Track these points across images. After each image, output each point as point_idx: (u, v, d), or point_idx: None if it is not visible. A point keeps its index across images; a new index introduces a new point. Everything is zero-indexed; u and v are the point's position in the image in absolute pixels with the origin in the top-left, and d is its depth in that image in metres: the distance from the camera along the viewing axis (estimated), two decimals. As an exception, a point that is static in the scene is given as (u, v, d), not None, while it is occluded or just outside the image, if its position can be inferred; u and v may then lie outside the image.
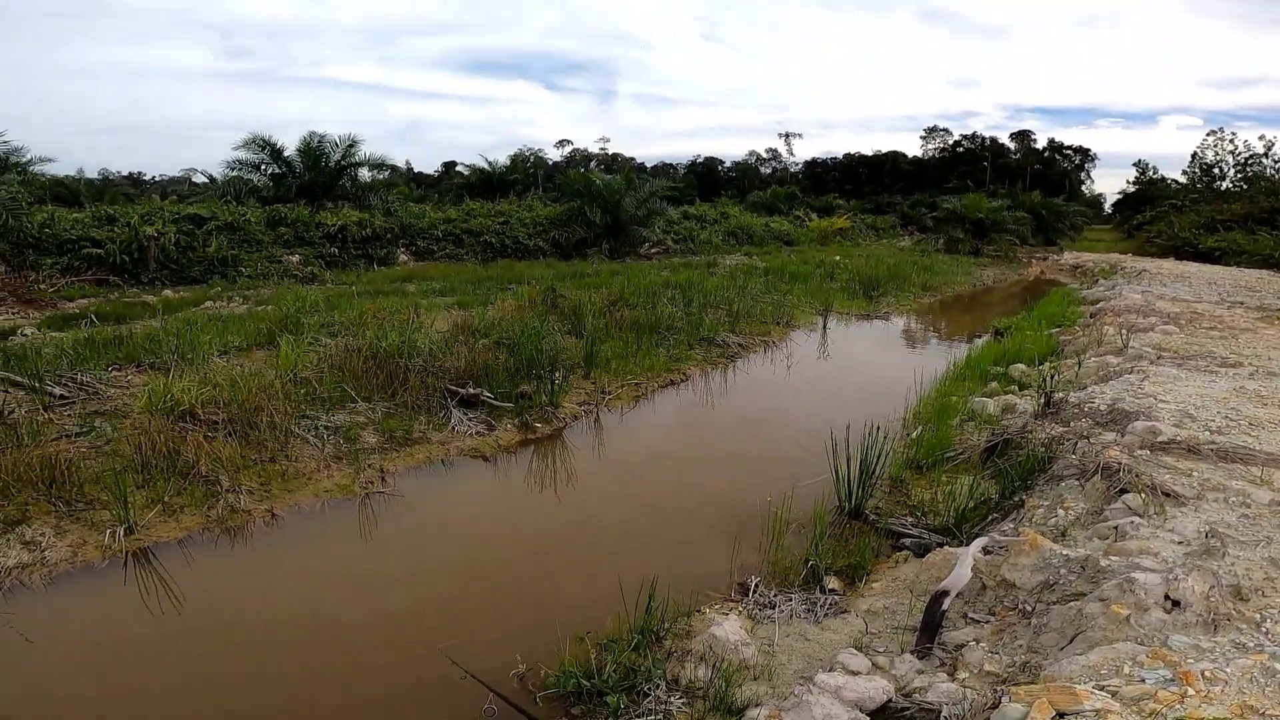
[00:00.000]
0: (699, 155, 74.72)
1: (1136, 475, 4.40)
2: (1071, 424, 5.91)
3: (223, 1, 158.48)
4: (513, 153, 33.34)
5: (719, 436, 6.91)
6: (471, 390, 6.42)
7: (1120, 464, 4.63)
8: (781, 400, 8.29)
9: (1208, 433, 5.11)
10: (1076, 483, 4.91)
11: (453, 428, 6.07)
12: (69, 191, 29.27)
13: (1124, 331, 9.41)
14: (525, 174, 33.49)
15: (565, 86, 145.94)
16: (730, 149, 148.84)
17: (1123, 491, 4.36)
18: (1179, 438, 5.00)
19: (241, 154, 20.35)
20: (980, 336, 12.26)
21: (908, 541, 4.67)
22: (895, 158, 73.76)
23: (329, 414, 5.93)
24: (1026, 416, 6.37)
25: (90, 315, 9.68)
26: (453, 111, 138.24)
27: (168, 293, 12.49)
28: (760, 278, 16.01)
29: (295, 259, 15.03)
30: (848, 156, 76.06)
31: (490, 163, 30.91)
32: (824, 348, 11.49)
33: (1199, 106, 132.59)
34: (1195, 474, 4.41)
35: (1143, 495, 4.18)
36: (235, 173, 20.66)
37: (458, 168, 47.84)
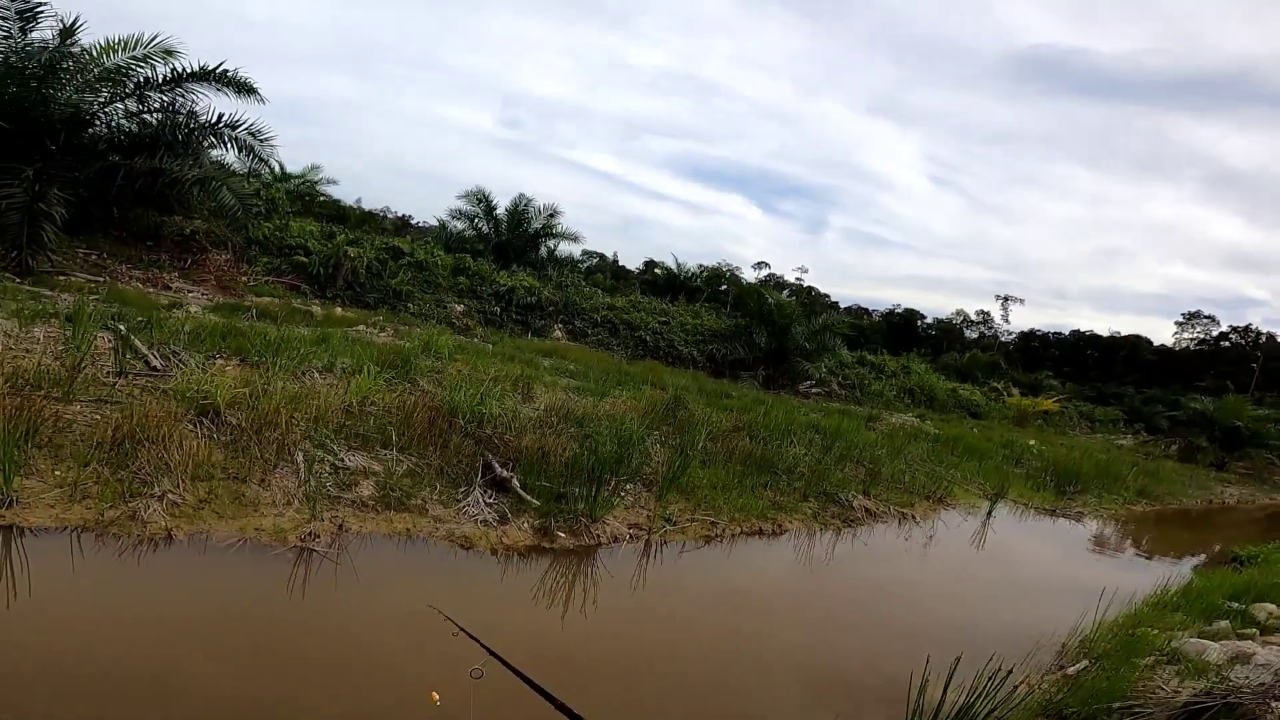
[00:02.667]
0: (899, 305, 71.29)
1: None
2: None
3: (516, 74, 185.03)
4: (710, 263, 34.04)
5: (782, 623, 5.27)
6: (504, 473, 5.54)
7: None
8: (893, 593, 6.42)
9: None
10: None
11: (463, 507, 5.19)
12: (341, 214, 34.13)
13: None
14: (714, 287, 33.81)
15: (778, 209, 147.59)
16: (937, 304, 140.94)
17: None
18: None
19: (462, 204, 22.64)
20: (1203, 561, 9.46)
21: None
22: (1135, 343, 64.05)
23: (352, 452, 5.37)
24: (1272, 674, 4.21)
25: (253, 311, 10.45)
26: (668, 214, 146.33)
27: (339, 309, 13.45)
28: (926, 443, 13.87)
29: (460, 308, 15.72)
30: (1075, 334, 67.79)
31: (679, 265, 31.58)
32: (980, 538, 9.22)
33: None
34: None
35: None
36: (454, 221, 22.98)
37: (657, 269, 50.09)
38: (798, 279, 76.64)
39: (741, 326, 19.97)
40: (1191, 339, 66.55)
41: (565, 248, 23.42)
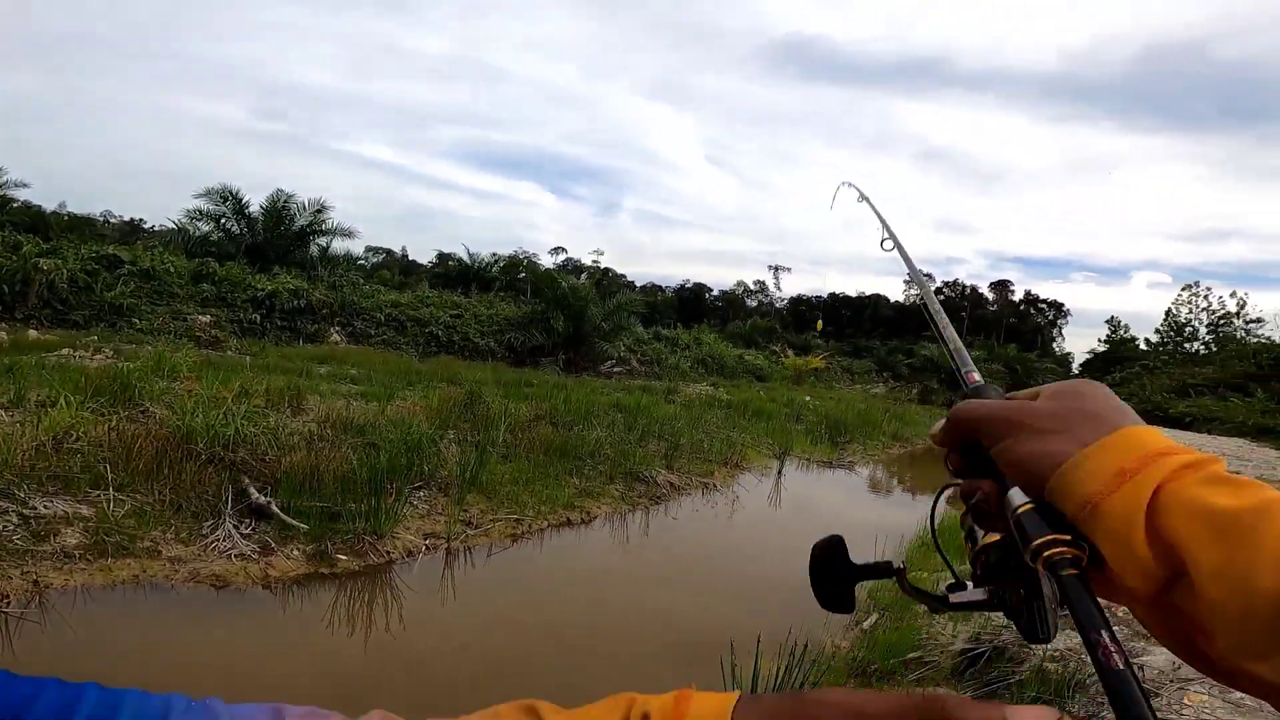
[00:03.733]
0: (689, 280, 75.71)
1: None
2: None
3: (275, 63, 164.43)
4: (505, 252, 33.13)
5: (592, 611, 5.09)
6: (261, 498, 4.72)
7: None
8: (697, 562, 6.57)
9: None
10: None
11: (210, 542, 4.33)
12: (39, 222, 27.95)
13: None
14: (512, 276, 32.96)
15: (571, 193, 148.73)
16: (723, 277, 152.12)
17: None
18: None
19: (201, 203, 19.41)
20: (950, 494, 10.92)
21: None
22: (877, 301, 74.71)
23: (49, 497, 4.24)
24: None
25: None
26: (459, 204, 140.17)
27: (34, 333, 10.86)
28: (720, 410, 14.70)
29: (205, 319, 13.51)
30: (832, 296, 77.06)
31: (472, 255, 30.37)
32: (774, 497, 9.91)
33: (1170, 262, 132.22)
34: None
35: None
36: (196, 223, 19.66)
37: (450, 261, 47.86)
38: (594, 262, 77.69)
39: (539, 313, 19.63)
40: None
41: (340, 244, 21.22)
